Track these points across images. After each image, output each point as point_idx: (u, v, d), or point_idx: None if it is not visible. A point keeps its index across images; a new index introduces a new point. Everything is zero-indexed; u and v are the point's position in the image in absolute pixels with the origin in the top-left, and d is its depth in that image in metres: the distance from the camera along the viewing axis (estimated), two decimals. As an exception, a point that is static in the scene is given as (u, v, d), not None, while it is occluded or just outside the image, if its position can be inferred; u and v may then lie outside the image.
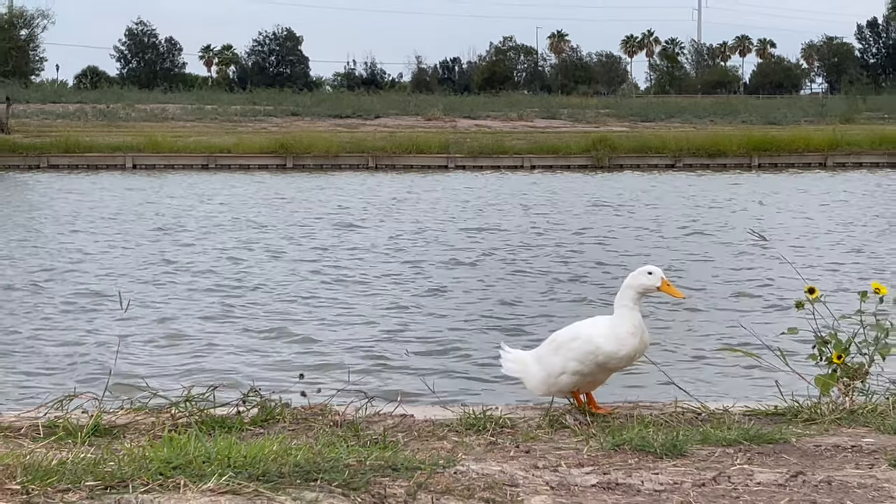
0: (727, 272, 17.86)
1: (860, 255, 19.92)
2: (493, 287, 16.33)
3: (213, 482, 4.25)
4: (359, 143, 46.94)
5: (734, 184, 37.56)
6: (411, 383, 9.85)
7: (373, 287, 16.40)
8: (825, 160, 45.72)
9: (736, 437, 5.28)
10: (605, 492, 4.54)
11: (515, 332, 12.93)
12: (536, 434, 5.47)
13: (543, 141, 48.93)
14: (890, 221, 25.79)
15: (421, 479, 4.49)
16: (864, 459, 5.03)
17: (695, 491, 4.54)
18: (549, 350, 5.76)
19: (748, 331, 7.13)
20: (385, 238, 22.50)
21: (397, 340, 12.51)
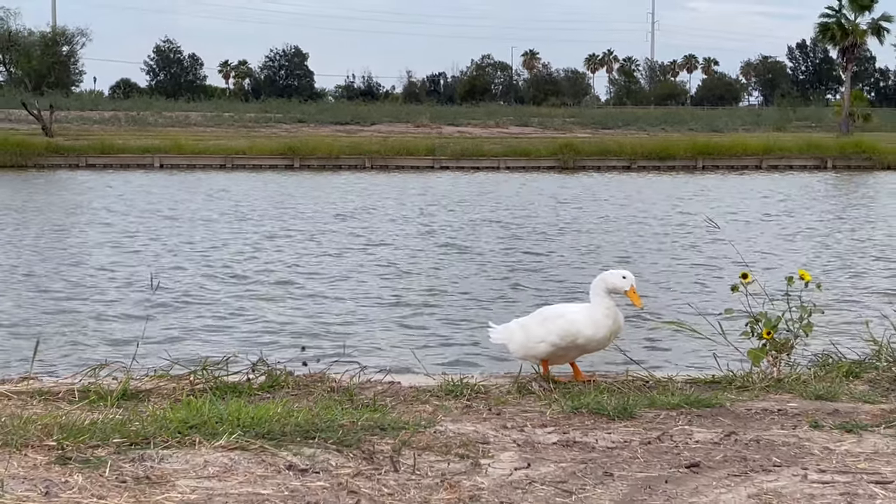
0: (677, 258, 17.88)
1: (791, 243, 19.96)
2: (475, 271, 16.30)
3: (224, 439, 4.25)
4: (357, 147, 46.83)
5: (682, 182, 37.60)
6: (401, 356, 9.85)
7: (372, 272, 16.37)
8: (760, 163, 45.75)
9: (678, 401, 5.29)
10: (565, 448, 4.55)
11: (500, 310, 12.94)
12: (506, 399, 5.47)
13: (517, 145, 48.86)
14: (814, 216, 25.85)
15: (405, 437, 4.49)
16: (789, 421, 5.04)
17: (642, 448, 4.55)
18: (536, 320, 5.80)
19: (694, 308, 7.13)
20: (378, 228, 22.46)
21: (391, 318, 12.51)
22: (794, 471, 4.22)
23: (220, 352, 9.00)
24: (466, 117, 75.98)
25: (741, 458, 4.40)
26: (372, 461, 4.21)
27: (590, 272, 16.05)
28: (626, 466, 4.29)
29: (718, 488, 4.03)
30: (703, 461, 4.33)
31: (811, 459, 4.39)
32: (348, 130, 64.15)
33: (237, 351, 7.69)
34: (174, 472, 4.00)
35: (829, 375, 5.89)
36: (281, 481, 3.97)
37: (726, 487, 4.04)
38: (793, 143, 48.08)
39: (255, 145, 46.56)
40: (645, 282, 15.42)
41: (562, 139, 51.53)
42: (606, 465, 4.30)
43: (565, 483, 4.08)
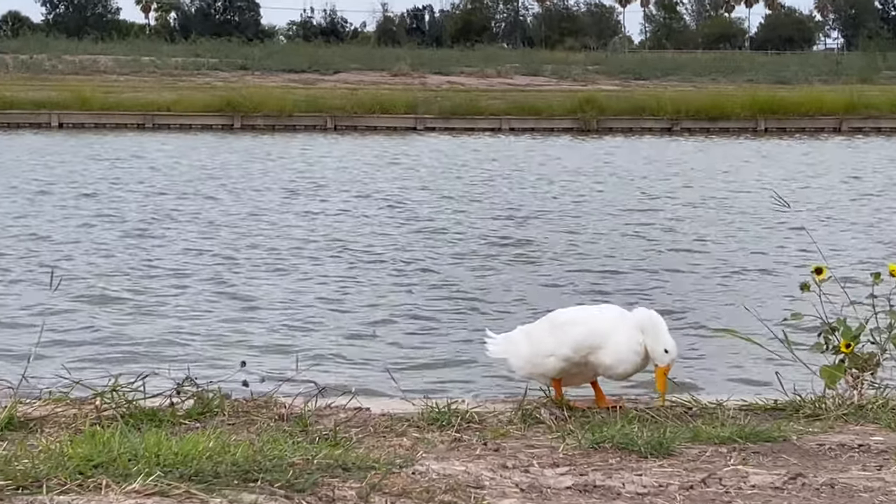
0: (728, 248, 17.93)
1: (879, 231, 20.04)
2: (466, 267, 16.35)
3: (138, 482, 4.25)
4: (315, 102, 46.81)
5: (738, 149, 37.70)
6: (370, 373, 9.88)
7: (327, 263, 16.40)
8: (840, 125, 45.90)
9: (730, 434, 5.32)
10: (582, 495, 4.57)
11: (493, 317, 12.99)
12: (507, 430, 5.50)
13: (524, 101, 48.95)
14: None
15: (374, 479, 4.50)
16: (872, 460, 5.08)
17: (682, 494, 4.58)
18: (545, 328, 5.82)
19: (751, 312, 7.16)
20: (342, 207, 22.47)
21: (357, 322, 12.53)
22: (878, 524, 4.25)
23: (136, 368, 9.03)
24: (458, 64, 76.03)
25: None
26: (331, 511, 4.23)
27: (613, 270, 16.13)
28: (660, 518, 4.31)
29: (780, 546, 4.06)
30: (761, 512, 4.36)
31: (900, 509, 4.42)
32: (305, 81, 64.15)
33: (158, 367, 7.69)
34: (74, 524, 4.01)
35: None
36: (212, 537, 3.98)
37: (791, 545, 4.08)
38: (882, 99, 48.22)
39: (184, 99, 46.58)
40: (684, 278, 15.49)
41: (582, 93, 51.62)
42: (635, 516, 4.33)
43: (582, 539, 4.11)
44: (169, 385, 5.87)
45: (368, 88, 56.60)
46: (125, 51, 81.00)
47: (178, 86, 56.74)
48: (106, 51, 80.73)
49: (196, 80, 62.54)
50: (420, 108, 46.15)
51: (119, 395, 5.72)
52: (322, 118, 45.05)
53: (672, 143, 40.86)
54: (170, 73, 67.46)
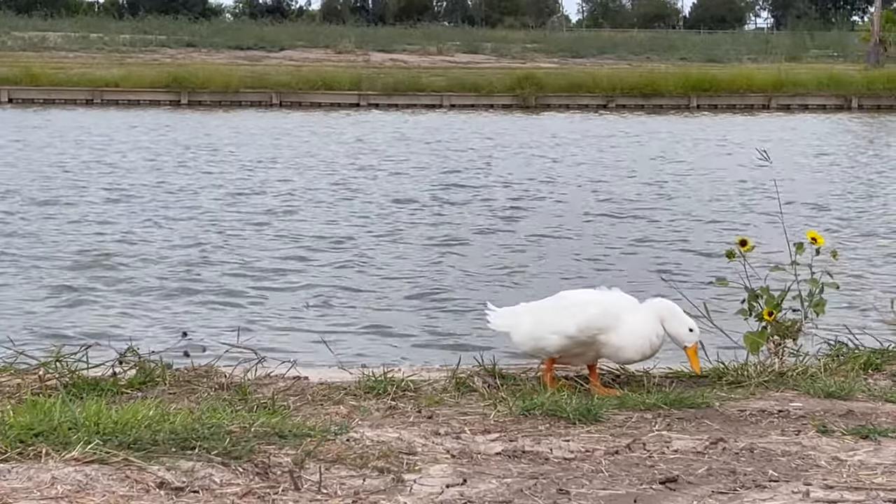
0: (655, 220, 18.00)
1: (803, 203, 20.19)
2: (404, 241, 16.33)
3: (78, 450, 4.23)
4: (261, 78, 46.57)
5: (670, 125, 37.84)
6: (310, 344, 9.86)
7: (272, 236, 16.33)
8: (769, 101, 46.16)
9: (655, 401, 5.36)
10: (511, 460, 4.59)
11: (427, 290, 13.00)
12: (441, 398, 5.51)
13: (464, 78, 48.87)
14: (833, 169, 26.15)
15: (310, 446, 4.50)
16: (791, 425, 5.13)
17: (607, 459, 4.61)
18: (553, 306, 5.80)
19: (668, 283, 7.22)
20: (285, 182, 22.39)
21: (295, 293, 12.50)
22: (795, 487, 4.29)
23: (80, 339, 8.98)
24: (401, 42, 75.77)
25: (730, 471, 4.46)
26: (267, 477, 4.22)
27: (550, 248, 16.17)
28: (586, 482, 4.33)
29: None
30: (683, 475, 4.39)
31: (816, 473, 4.47)
32: (251, 58, 63.76)
33: (101, 339, 7.65)
34: (13, 491, 3.98)
35: (844, 368, 6.00)
36: (149, 503, 3.96)
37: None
38: (810, 77, 48.53)
39: (132, 75, 46.16)
40: (613, 249, 15.55)
41: (521, 70, 51.64)
42: (562, 480, 4.35)
43: (510, 503, 4.12)
44: (112, 356, 5.84)
45: (313, 65, 56.33)
46: (74, 28, 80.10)
47: (127, 62, 56.22)
48: (55, 27, 79.79)
49: (144, 57, 61.99)
50: (363, 85, 46.00)
51: (62, 365, 5.69)
52: (268, 94, 44.81)
53: (607, 119, 40.94)
54: (118, 49, 66.78)
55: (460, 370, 5.84)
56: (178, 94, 44.15)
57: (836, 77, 48.23)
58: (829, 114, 44.12)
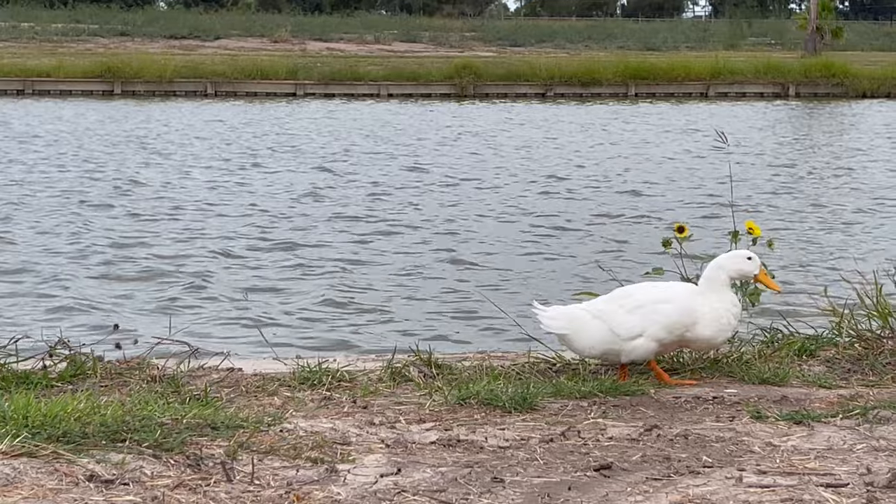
0: (593, 211, 18.07)
1: (738, 191, 20.35)
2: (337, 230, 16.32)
3: (5, 444, 4.21)
4: (196, 68, 46.27)
5: (608, 114, 38.00)
6: (244, 335, 9.84)
7: (204, 228, 16.26)
8: (707, 89, 46.43)
9: (591, 389, 5.39)
10: (446, 449, 4.60)
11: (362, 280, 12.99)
12: (377, 388, 5.52)
13: (402, 67, 48.81)
14: (769, 157, 26.37)
15: (243, 437, 4.50)
16: (726, 412, 5.18)
17: (542, 447, 4.63)
18: (623, 306, 5.62)
19: (609, 273, 7.25)
20: (221, 172, 22.28)
21: (230, 285, 12.47)
22: (729, 472, 4.33)
23: (9, 331, 8.89)
24: (338, 30, 75.56)
25: (664, 457, 4.50)
26: (198, 469, 4.22)
27: (489, 234, 16.20)
28: (520, 470, 4.36)
29: (634, 495, 4.13)
30: (617, 462, 4.43)
31: (750, 458, 4.51)
32: (185, 47, 63.34)
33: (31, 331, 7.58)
34: (-60, 486, 3.95)
35: (778, 354, 6.06)
36: (78, 496, 3.95)
37: (643, 494, 4.14)
38: (747, 65, 48.87)
39: (64, 65, 45.73)
40: (551, 239, 15.60)
41: (459, 59, 51.59)
42: (497, 468, 4.37)
43: (444, 492, 4.13)
44: (42, 348, 5.80)
45: (249, 55, 56.04)
46: (4, 17, 79.26)
47: (59, 52, 55.68)
48: (-16, 17, 78.96)
49: (76, 47, 61.41)
50: (300, 74, 45.84)
51: (-9, 358, 5.64)
52: (202, 84, 44.56)
53: (545, 108, 41.05)
54: (49, 39, 66.12)
55: (396, 360, 5.84)
56: (112, 84, 43.79)
57: (774, 65, 48.61)
58: (767, 101, 44.47)
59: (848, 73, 46.73)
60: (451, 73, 46.19)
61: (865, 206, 18.81)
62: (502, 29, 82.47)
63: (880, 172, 23.40)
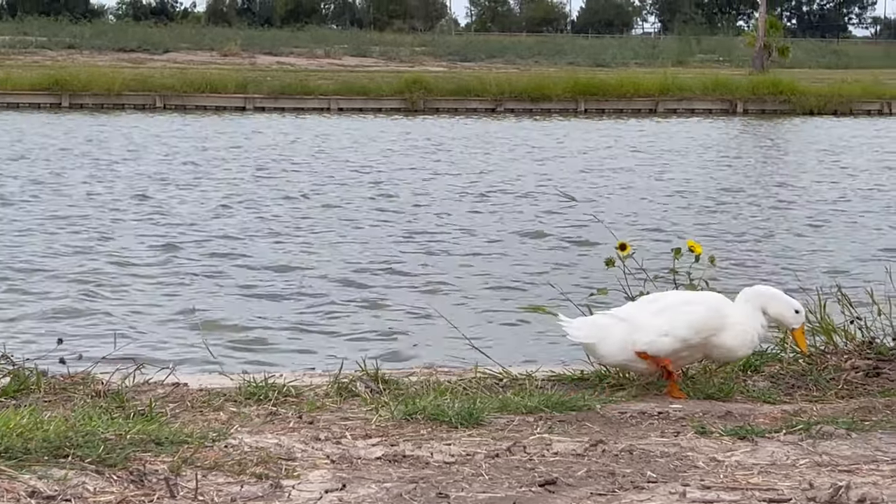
0: (540, 226, 18.11)
1: (684, 208, 20.49)
2: (293, 241, 16.31)
3: (-55, 460, 4.16)
4: (145, 81, 46.08)
5: (557, 129, 38.13)
6: (190, 350, 9.79)
7: (147, 241, 16.19)
8: (656, 106, 46.68)
9: (537, 404, 5.40)
10: (391, 465, 4.59)
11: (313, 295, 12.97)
12: (323, 403, 5.50)
13: (353, 81, 48.78)
14: (716, 173, 26.54)
15: (187, 453, 4.48)
16: (671, 427, 5.20)
17: (487, 462, 4.63)
18: (648, 310, 5.66)
19: (557, 290, 7.27)
20: (164, 188, 22.19)
21: (176, 299, 12.41)
22: (672, 487, 4.35)
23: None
24: (288, 45, 75.48)
25: (609, 472, 4.51)
26: (142, 485, 4.19)
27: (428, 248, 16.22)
28: (465, 486, 4.36)
29: (578, 511, 4.14)
30: (562, 477, 4.43)
31: (694, 473, 4.53)
32: (134, 60, 63.09)
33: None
34: None
35: (723, 370, 6.09)
36: (20, 513, 3.92)
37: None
38: (695, 81, 49.18)
39: (11, 77, 45.41)
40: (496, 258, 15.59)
41: (409, 74, 51.66)
42: (442, 484, 4.37)
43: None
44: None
45: (198, 68, 55.83)
46: (-50, 28, 78.71)
47: (6, 64, 55.29)
48: (-70, 28, 78.30)
49: (24, 59, 61.00)
50: (250, 88, 45.75)
51: (-69, 373, 5.59)
52: (151, 97, 44.38)
53: (495, 123, 41.13)
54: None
55: (343, 375, 5.82)
56: (59, 97, 43.55)
57: (722, 82, 48.94)
58: (715, 118, 44.76)
59: (795, 91, 47.14)
60: (401, 87, 46.22)
61: (808, 223, 18.99)
62: (453, 44, 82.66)
63: (824, 189, 23.60)
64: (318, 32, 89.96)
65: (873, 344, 6.23)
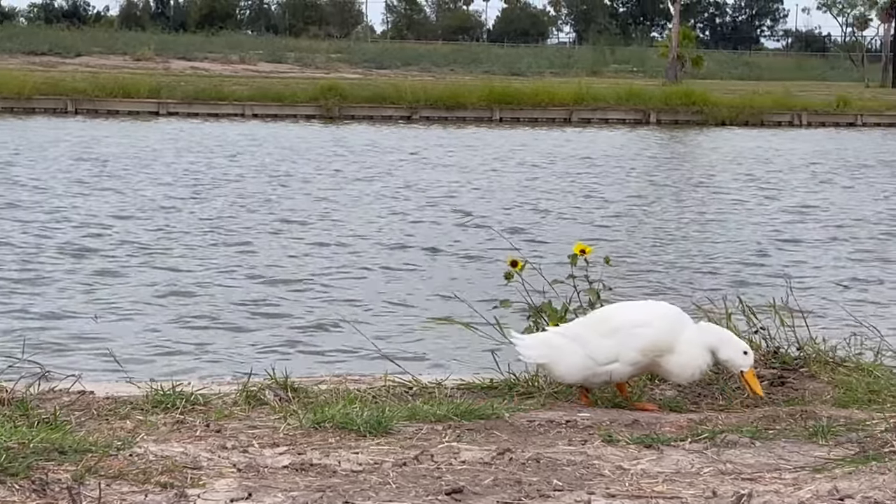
0: (445, 237, 18.12)
1: (595, 217, 20.63)
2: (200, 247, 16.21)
3: None
4: (56, 85, 45.56)
5: (471, 138, 38.24)
6: (97, 358, 9.69)
7: (55, 246, 16.02)
8: (570, 115, 46.94)
9: (446, 412, 5.40)
10: (298, 473, 4.58)
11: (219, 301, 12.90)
12: (231, 412, 5.47)
13: (268, 87, 48.61)
14: (627, 182, 26.76)
15: (91, 462, 4.44)
16: (578, 435, 5.23)
17: (395, 471, 4.64)
18: (598, 331, 5.62)
19: (465, 302, 7.30)
20: (72, 193, 21.96)
21: (83, 307, 12.29)
22: (578, 496, 4.38)
23: None
24: (202, 50, 75.09)
25: (515, 481, 4.53)
26: (44, 494, 4.14)
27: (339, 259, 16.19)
28: (372, 494, 4.36)
29: (484, 519, 4.15)
30: (469, 486, 4.45)
31: (600, 482, 4.56)
32: (45, 63, 62.39)
33: None
34: None
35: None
36: (-82, 523, 3.86)
37: (493, 518, 4.17)
38: (609, 91, 49.54)
39: (-82, 81, 44.78)
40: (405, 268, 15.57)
41: (325, 81, 51.57)
42: (349, 492, 4.36)
43: (295, 517, 4.12)
44: None
45: (111, 72, 55.35)
46: None
47: (-87, 67, 54.50)
48: None
49: (-69, 61, 60.16)
50: (163, 93, 45.41)
51: None
52: (63, 101, 43.89)
53: (410, 131, 41.16)
54: None
55: (251, 383, 5.80)
56: (-33, 101, 43.00)
57: (636, 92, 49.34)
58: (629, 128, 45.11)
59: (707, 101, 47.64)
60: (316, 94, 46.12)
61: (714, 232, 19.20)
62: (368, 51, 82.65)
63: (731, 199, 23.86)
64: (232, 38, 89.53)
65: (778, 353, 6.31)
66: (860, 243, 18.25)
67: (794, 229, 19.67)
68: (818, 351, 6.31)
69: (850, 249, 17.51)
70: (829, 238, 18.76)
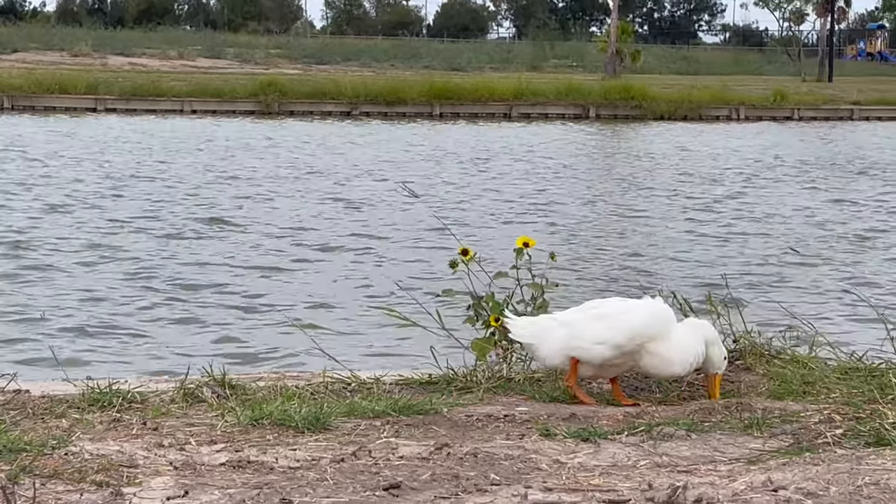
0: (382, 230, 18.12)
1: (529, 212, 20.69)
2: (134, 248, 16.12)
3: None
4: (-9, 81, 45.24)
5: (410, 133, 38.25)
6: (34, 356, 9.62)
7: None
8: (510, 110, 47.07)
9: (384, 408, 5.40)
10: (235, 471, 4.57)
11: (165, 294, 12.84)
12: (169, 409, 5.45)
13: (207, 83, 48.39)
14: (544, 178, 26.86)
15: (25, 461, 4.40)
16: (516, 430, 5.24)
17: (332, 467, 4.63)
18: (592, 315, 5.69)
19: (407, 292, 7.31)
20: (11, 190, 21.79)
21: (23, 305, 12.19)
22: (515, 490, 4.39)
23: None
24: (140, 45, 74.64)
25: (453, 476, 4.54)
26: (-22, 494, 4.11)
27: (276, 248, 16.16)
28: (310, 491, 4.35)
29: (421, 514, 4.16)
30: (406, 481, 4.45)
31: (537, 476, 4.58)
32: (-19, 59, 61.84)
33: None
34: None
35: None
36: None
37: (431, 513, 4.17)
38: (549, 86, 49.69)
39: None
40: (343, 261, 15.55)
41: (264, 76, 51.43)
42: (286, 489, 4.35)
43: (232, 514, 4.11)
44: None
45: (48, 68, 54.92)
46: None
47: None
48: None
49: None
50: (101, 89, 45.10)
51: None
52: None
53: (350, 126, 41.10)
54: None
55: (189, 381, 5.77)
56: None
57: (575, 87, 49.54)
58: (568, 122, 45.26)
59: (646, 96, 47.90)
60: (255, 90, 45.98)
61: (652, 226, 19.31)
62: (308, 47, 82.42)
63: (667, 194, 23.99)
64: (171, 33, 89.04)
65: (714, 346, 6.35)
66: (795, 237, 18.40)
67: (731, 224, 19.80)
68: (753, 343, 6.36)
69: (784, 244, 17.65)
70: (764, 232, 18.90)
